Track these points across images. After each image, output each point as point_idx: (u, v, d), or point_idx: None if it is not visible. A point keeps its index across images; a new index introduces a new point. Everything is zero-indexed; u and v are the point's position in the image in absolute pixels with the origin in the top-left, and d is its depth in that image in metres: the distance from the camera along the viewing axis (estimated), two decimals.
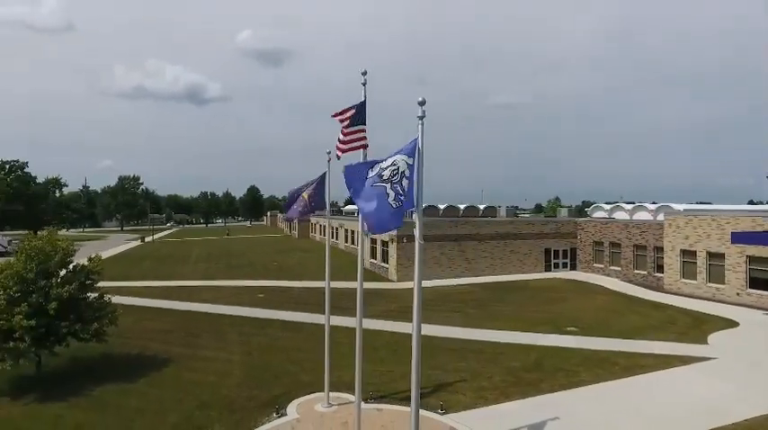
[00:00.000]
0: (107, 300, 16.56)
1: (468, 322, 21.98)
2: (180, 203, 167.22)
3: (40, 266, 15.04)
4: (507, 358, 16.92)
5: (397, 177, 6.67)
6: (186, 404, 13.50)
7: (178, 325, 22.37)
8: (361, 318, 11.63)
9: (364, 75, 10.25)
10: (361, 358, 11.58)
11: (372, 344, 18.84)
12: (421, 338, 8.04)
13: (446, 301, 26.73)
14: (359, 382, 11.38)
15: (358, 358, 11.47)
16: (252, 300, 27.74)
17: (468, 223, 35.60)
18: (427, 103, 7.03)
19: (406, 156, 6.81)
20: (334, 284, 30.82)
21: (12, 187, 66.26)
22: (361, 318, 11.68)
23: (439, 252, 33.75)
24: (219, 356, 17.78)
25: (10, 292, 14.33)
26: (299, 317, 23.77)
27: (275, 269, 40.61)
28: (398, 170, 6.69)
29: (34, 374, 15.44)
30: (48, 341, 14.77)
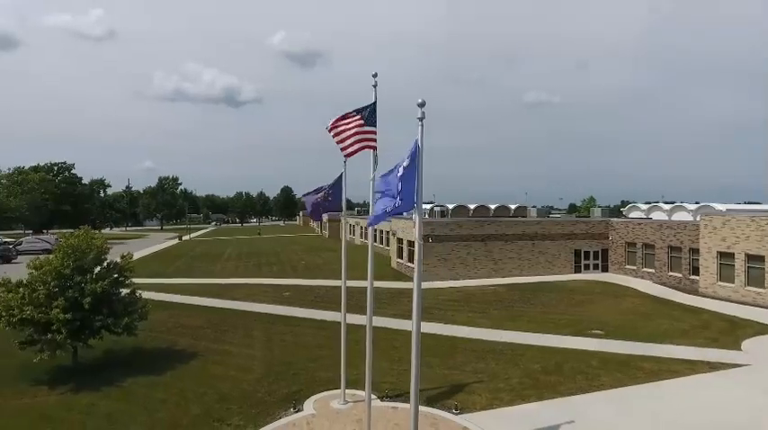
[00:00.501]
0: (138, 296, 17.35)
1: (490, 323, 21.82)
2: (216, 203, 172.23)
3: (77, 263, 15.90)
4: (527, 360, 16.75)
5: (396, 177, 6.82)
6: (208, 397, 14.01)
7: (207, 321, 23.14)
8: (370, 315, 11.86)
9: (375, 77, 10.42)
10: (372, 356, 11.74)
11: (392, 343, 19.04)
12: (420, 337, 8.09)
13: (470, 302, 26.59)
14: (369, 380, 11.56)
15: (368, 357, 11.65)
16: (278, 297, 28.36)
17: (494, 223, 35.24)
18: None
19: (406, 158, 6.95)
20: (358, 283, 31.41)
21: (59, 188, 69.89)
22: (371, 316, 11.92)
23: (465, 252, 33.56)
24: (243, 352, 18.32)
25: (49, 287, 15.22)
26: (322, 315, 24.15)
27: (303, 268, 41.32)
28: (398, 172, 6.84)
29: (71, 365, 16.32)
30: (83, 334, 15.62)
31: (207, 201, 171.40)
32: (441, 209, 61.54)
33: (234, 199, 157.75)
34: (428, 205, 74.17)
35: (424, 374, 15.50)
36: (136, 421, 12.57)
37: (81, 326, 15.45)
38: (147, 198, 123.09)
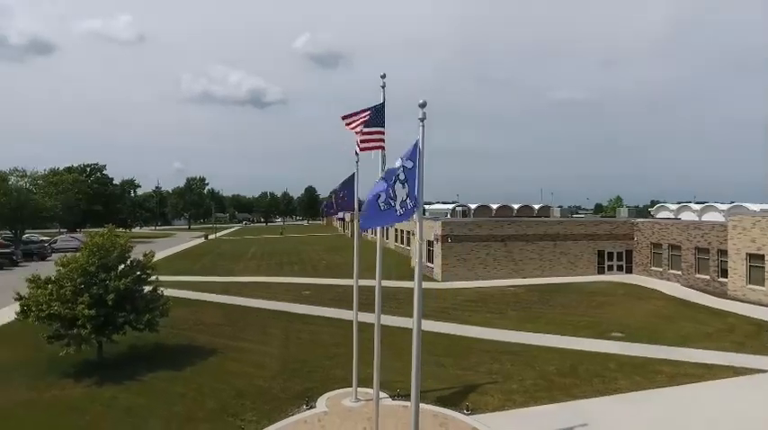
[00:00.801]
0: (160, 294, 17.87)
1: (507, 324, 21.63)
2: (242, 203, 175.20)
3: (101, 261, 16.48)
4: (543, 361, 16.56)
5: (393, 180, 6.87)
6: (224, 392, 14.34)
7: (227, 318, 23.63)
8: (379, 314, 11.93)
9: (383, 78, 10.51)
10: (380, 355, 11.82)
11: (407, 342, 19.05)
12: (421, 336, 8.14)
13: (487, 302, 26.40)
14: (377, 379, 11.63)
15: (376, 355, 11.74)
16: (298, 296, 28.72)
17: (514, 223, 34.86)
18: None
19: (407, 160, 7.00)
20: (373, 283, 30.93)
21: (92, 188, 72.40)
22: (379, 315, 11.97)
23: (484, 253, 33.32)
24: (260, 349, 18.65)
25: (75, 284, 15.83)
26: (340, 313, 24.36)
27: (323, 267, 41.71)
28: (395, 175, 6.89)
29: (96, 360, 16.93)
30: (107, 329, 16.18)
31: (233, 200, 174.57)
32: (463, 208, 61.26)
33: (259, 199, 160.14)
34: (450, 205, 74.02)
35: (437, 374, 15.64)
36: (154, 414, 12.97)
37: (105, 321, 16.00)
38: (175, 198, 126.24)
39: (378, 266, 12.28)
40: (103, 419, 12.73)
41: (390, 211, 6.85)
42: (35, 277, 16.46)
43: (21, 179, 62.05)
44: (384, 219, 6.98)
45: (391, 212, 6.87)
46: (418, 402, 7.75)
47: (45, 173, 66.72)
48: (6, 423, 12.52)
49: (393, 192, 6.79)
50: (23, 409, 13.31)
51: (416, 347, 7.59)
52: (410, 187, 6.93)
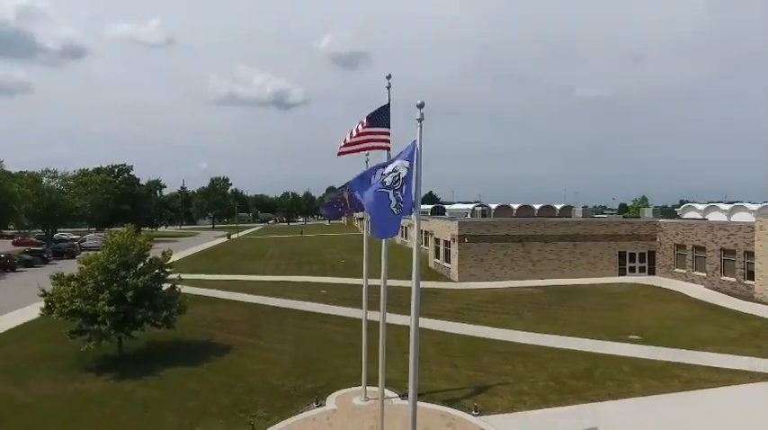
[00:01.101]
0: (177, 291, 18.33)
1: (522, 325, 21.43)
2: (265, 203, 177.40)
3: (121, 259, 17.00)
4: (556, 364, 16.37)
5: (399, 184, 6.94)
6: (237, 389, 14.63)
7: (244, 316, 24.04)
8: (383, 314, 12.01)
9: (389, 78, 10.59)
10: (384, 355, 11.90)
11: (420, 343, 19.09)
12: (419, 336, 8.18)
13: (503, 303, 26.19)
14: (382, 379, 11.69)
15: (381, 355, 11.82)
16: (315, 295, 29.00)
17: (533, 224, 34.44)
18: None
19: (405, 161, 7.06)
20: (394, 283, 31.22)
21: (119, 188, 74.47)
22: (384, 314, 12.05)
23: (501, 253, 33.03)
24: (275, 347, 18.94)
25: (96, 281, 16.37)
26: (355, 313, 24.46)
27: (342, 267, 41.98)
28: (399, 176, 6.95)
29: (117, 355, 17.46)
30: (126, 325, 16.68)
31: (256, 200, 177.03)
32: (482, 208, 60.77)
33: (281, 199, 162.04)
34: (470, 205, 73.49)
35: (448, 374, 15.63)
36: (169, 408, 13.33)
37: (124, 318, 16.48)
38: (200, 198, 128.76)
39: (383, 266, 12.37)
40: (121, 412, 13.13)
41: (399, 216, 6.94)
42: (59, 274, 17.08)
43: (52, 180, 64.27)
44: (396, 223, 7.06)
45: (399, 216, 6.95)
46: (416, 402, 7.77)
47: (75, 173, 68.89)
48: (30, 415, 13.03)
49: (401, 195, 6.88)
50: (47, 402, 13.85)
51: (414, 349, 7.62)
52: (407, 188, 6.99)
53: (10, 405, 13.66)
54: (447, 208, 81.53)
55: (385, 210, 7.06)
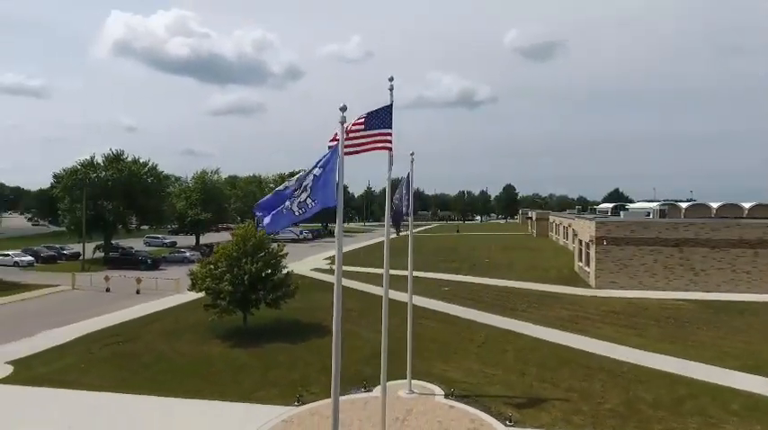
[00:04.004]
0: (288, 278, 21.22)
1: (637, 342, 18.65)
2: (445, 201, 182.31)
3: (243, 249, 20.50)
4: (644, 388, 14.10)
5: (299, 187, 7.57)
6: (312, 366, 16.47)
7: (359, 306, 26.08)
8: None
9: (391, 80, 10.88)
10: (387, 349, 12.09)
11: (503, 347, 18.37)
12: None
13: (633, 316, 22.86)
14: (383, 376, 11.92)
15: (383, 351, 12.07)
16: (436, 292, 29.56)
17: (693, 225, 28.70)
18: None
19: (318, 167, 7.62)
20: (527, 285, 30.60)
21: None
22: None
23: (651, 259, 28.49)
24: (367, 335, 20.31)
25: (223, 265, 20.11)
26: (462, 311, 24.49)
27: (482, 266, 41.40)
28: (305, 186, 7.58)
29: (243, 327, 21.08)
30: (244, 304, 20.11)
31: (436, 199, 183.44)
32: (662, 208, 52.51)
33: (456, 198, 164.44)
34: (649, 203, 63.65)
35: (509, 381, 14.96)
36: (253, 374, 15.85)
37: (242, 297, 19.90)
38: (381, 197, 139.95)
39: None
40: (218, 372, 16.11)
41: (288, 214, 7.56)
42: (204, 260, 21.46)
43: (257, 184, 77.92)
44: (286, 220, 7.70)
45: (289, 215, 7.57)
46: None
47: (274, 177, 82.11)
48: (164, 364, 16.88)
49: (293, 199, 7.51)
50: (178, 357, 17.75)
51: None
52: (314, 191, 7.51)
53: (157, 356, 17.92)
54: (629, 206, 72.26)
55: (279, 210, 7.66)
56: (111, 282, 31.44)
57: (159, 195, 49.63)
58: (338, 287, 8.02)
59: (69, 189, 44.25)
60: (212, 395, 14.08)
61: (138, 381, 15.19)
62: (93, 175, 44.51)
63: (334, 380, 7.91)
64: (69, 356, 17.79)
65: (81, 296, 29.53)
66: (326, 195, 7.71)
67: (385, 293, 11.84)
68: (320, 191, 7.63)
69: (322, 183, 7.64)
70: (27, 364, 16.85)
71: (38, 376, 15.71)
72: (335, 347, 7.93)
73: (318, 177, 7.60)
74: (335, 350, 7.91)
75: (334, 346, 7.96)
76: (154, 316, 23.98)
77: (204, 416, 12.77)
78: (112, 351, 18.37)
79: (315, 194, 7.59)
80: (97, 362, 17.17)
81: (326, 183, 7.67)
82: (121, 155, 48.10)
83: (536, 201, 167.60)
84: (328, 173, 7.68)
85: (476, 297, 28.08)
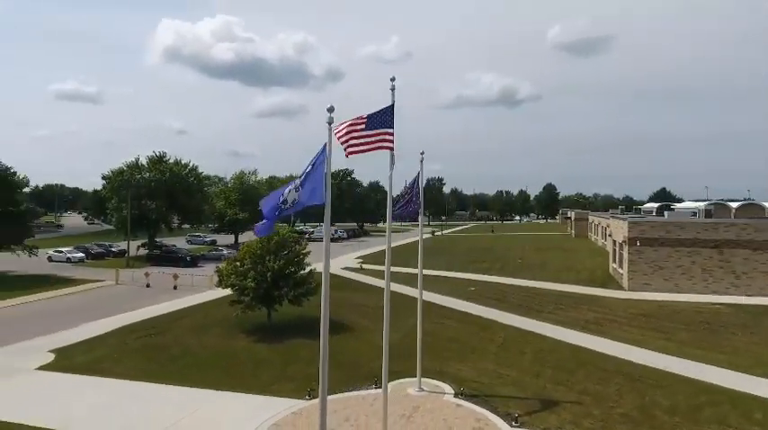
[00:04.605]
0: (310, 276, 21.71)
1: (662, 346, 18.00)
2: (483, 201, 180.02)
3: (266, 247, 21.16)
4: (662, 393, 13.65)
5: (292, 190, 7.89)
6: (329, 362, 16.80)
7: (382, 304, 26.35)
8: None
9: (393, 81, 11.06)
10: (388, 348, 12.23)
11: (522, 349, 18.14)
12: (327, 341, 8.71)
13: (662, 319, 22.02)
14: (385, 373, 12.07)
15: (385, 349, 12.22)
16: (461, 291, 29.44)
17: (734, 226, 27.20)
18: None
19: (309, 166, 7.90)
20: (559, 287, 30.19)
21: (341, 190, 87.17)
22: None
23: (689, 260, 27.24)
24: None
25: (247, 263, 20.83)
26: (487, 312, 24.31)
27: (513, 266, 40.78)
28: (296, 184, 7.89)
29: (267, 323, 21.75)
30: (267, 300, 20.75)
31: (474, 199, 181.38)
32: (709, 208, 50.03)
33: (495, 197, 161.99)
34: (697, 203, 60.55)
35: (522, 382, 14.84)
36: (271, 367, 16.40)
37: (265, 294, 20.54)
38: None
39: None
40: (239, 365, 16.73)
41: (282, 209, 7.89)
42: (229, 258, 22.29)
43: None
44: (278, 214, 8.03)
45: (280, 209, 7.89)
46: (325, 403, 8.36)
47: None
48: (191, 357, 17.69)
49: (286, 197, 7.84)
50: (204, 350, 18.55)
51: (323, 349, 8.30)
52: (304, 188, 7.80)
53: (184, 349, 18.78)
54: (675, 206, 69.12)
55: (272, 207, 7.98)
56: (150, 277, 33.09)
57: (199, 195, 51.68)
58: (326, 289, 8.28)
59: (116, 189, 46.82)
60: (231, 387, 14.69)
61: (164, 372, 16.02)
62: (137, 176, 46.89)
63: (321, 385, 8.22)
64: (105, 347, 18.94)
65: (123, 291, 31.25)
66: (314, 193, 8.00)
67: (387, 294, 12.00)
68: (310, 190, 7.92)
69: (310, 181, 7.93)
70: (67, 353, 18.07)
71: (75, 364, 16.84)
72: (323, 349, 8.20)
73: (307, 174, 7.89)
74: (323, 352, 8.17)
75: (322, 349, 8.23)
76: (186, 310, 25.11)
77: (219, 407, 13.37)
78: (144, 343, 19.40)
79: (303, 192, 7.89)
80: (130, 352, 18.20)
81: (315, 182, 7.95)
82: (164, 157, 50.43)
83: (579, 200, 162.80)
84: (317, 172, 7.96)
85: (502, 297, 27.77)
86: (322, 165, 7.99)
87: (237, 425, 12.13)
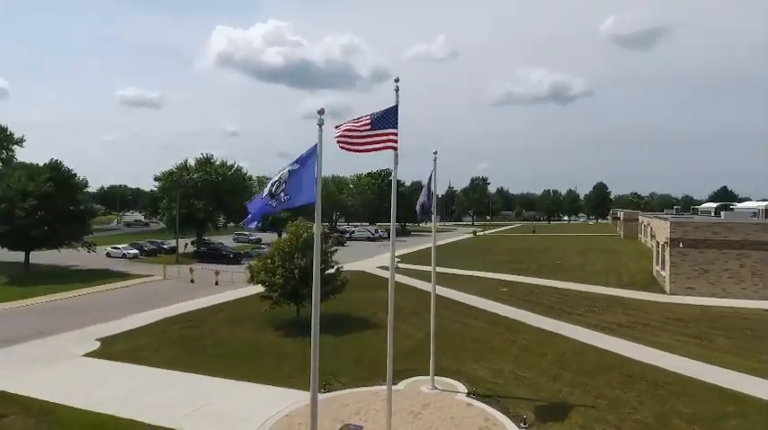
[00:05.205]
0: (338, 274, 22.27)
1: (697, 352, 17.18)
2: (530, 201, 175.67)
3: (295, 245, 21.89)
4: (685, 401, 13.11)
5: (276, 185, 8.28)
6: (348, 357, 17.27)
7: (413, 303, 26.53)
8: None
9: (397, 82, 11.26)
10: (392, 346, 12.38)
11: (544, 351, 17.84)
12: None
13: (701, 325, 20.92)
14: (389, 371, 12.23)
15: (389, 347, 12.38)
16: (491, 292, 29.14)
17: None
18: None
19: (294, 163, 8.28)
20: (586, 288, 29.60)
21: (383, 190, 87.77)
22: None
23: (737, 264, 25.64)
24: (410, 332, 20.74)
25: (276, 260, 21.63)
26: (514, 313, 24.01)
27: (550, 267, 39.79)
28: (280, 179, 8.27)
29: (295, 318, 22.49)
30: (295, 296, 21.46)
31: (521, 198, 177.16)
32: None
33: (542, 197, 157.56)
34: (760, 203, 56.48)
35: (538, 384, 14.74)
36: (294, 362, 16.96)
37: (293, 291, 21.25)
38: (461, 196, 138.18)
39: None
40: (265, 355, 17.52)
41: (267, 207, 8.29)
42: (260, 255, 23.20)
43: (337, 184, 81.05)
44: (265, 211, 8.44)
45: (267, 206, 8.29)
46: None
47: (351, 178, 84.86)
48: (222, 347, 18.60)
49: (271, 194, 8.23)
50: (235, 341, 19.46)
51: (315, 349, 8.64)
52: (288, 186, 8.16)
53: (216, 340, 19.77)
54: (735, 206, 64.92)
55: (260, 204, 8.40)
56: (194, 273, 34.87)
57: (244, 195, 53.74)
58: (317, 290, 8.60)
59: (167, 190, 49.51)
60: (254, 378, 15.39)
61: (195, 362, 16.97)
62: (186, 177, 49.37)
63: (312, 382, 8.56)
64: (146, 336, 20.25)
65: (169, 285, 33.12)
66: (304, 193, 8.35)
67: (390, 294, 12.20)
68: (297, 188, 8.27)
69: (299, 181, 8.29)
70: (111, 342, 19.49)
71: (117, 352, 18.15)
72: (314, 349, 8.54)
73: (295, 173, 8.26)
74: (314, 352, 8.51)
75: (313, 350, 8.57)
76: (223, 305, 26.33)
77: (239, 396, 14.06)
78: (181, 334, 20.58)
79: (289, 190, 8.25)
80: (167, 342, 19.38)
81: (305, 182, 8.31)
82: (211, 158, 52.80)
83: (632, 200, 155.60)
84: (307, 172, 8.32)
85: (533, 299, 27.26)
86: (312, 165, 8.34)
87: (252, 414, 12.74)
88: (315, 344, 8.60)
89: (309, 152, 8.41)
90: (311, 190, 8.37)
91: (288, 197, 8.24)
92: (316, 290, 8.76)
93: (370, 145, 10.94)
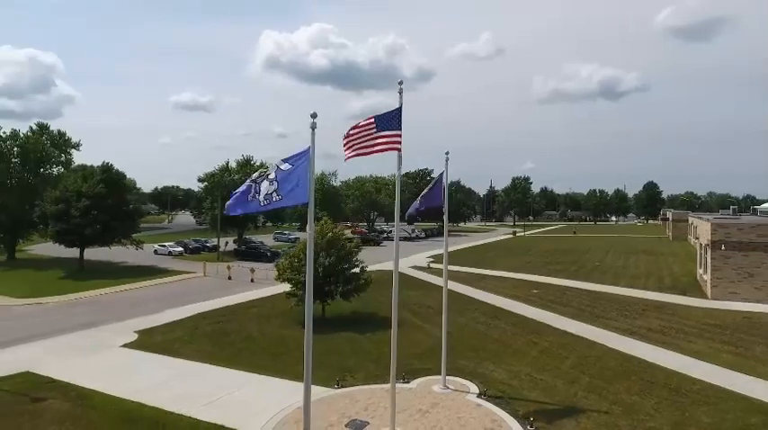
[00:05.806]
0: (359, 273, 22.67)
1: (727, 360, 16.40)
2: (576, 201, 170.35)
3: (320, 244, 22.44)
4: (707, 410, 12.60)
5: (261, 179, 8.62)
6: (368, 356, 17.58)
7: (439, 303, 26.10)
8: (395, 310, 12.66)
9: (400, 84, 11.45)
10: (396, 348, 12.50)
11: (566, 354, 17.52)
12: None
13: (739, 332, 19.88)
14: (393, 370, 12.36)
15: (393, 346, 12.50)
16: (521, 293, 28.74)
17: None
18: None
19: (285, 163, 8.63)
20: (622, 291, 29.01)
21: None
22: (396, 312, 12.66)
23: None
24: (431, 332, 20.84)
25: (300, 258, 22.25)
26: (540, 314, 23.64)
27: (588, 269, 38.66)
28: (265, 173, 8.63)
29: (320, 315, 23.00)
30: (320, 294, 22.02)
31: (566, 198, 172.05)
32: None
33: (587, 197, 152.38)
34: None
35: (553, 388, 14.63)
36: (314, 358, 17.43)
37: (317, 289, 21.79)
38: (503, 196, 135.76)
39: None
40: (288, 352, 18.06)
41: (254, 202, 8.65)
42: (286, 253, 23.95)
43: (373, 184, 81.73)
44: (247, 207, 8.80)
45: (254, 203, 8.65)
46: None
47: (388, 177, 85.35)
48: (252, 342, 19.40)
49: (258, 187, 8.58)
50: (262, 337, 20.22)
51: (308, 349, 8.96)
52: (281, 186, 8.49)
53: (245, 335, 20.59)
54: None
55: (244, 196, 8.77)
56: (232, 271, 36.29)
57: None
58: (309, 291, 8.93)
59: (210, 190, 51.67)
60: (275, 372, 15.98)
61: (223, 355, 17.78)
62: (227, 178, 51.34)
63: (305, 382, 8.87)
64: (180, 330, 21.37)
65: (208, 282, 34.63)
66: (297, 194, 8.70)
67: (394, 293, 12.39)
68: (289, 189, 8.62)
69: (291, 182, 8.63)
70: (148, 334, 20.69)
71: (152, 343, 19.28)
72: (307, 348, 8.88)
73: (287, 173, 8.61)
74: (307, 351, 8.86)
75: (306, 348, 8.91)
76: (256, 301, 27.31)
77: (257, 389, 14.68)
78: (213, 328, 21.58)
79: (281, 190, 8.61)
80: (199, 336, 20.39)
81: (298, 183, 8.65)
82: (251, 160, 54.65)
83: (686, 200, 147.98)
84: (300, 173, 8.66)
85: (564, 301, 26.67)
86: (306, 166, 8.67)
87: (269, 405, 13.29)
88: (308, 341, 8.95)
89: (301, 153, 8.76)
90: (304, 191, 8.72)
91: (280, 197, 8.60)
92: (309, 289, 9.10)
93: (374, 146, 11.20)
